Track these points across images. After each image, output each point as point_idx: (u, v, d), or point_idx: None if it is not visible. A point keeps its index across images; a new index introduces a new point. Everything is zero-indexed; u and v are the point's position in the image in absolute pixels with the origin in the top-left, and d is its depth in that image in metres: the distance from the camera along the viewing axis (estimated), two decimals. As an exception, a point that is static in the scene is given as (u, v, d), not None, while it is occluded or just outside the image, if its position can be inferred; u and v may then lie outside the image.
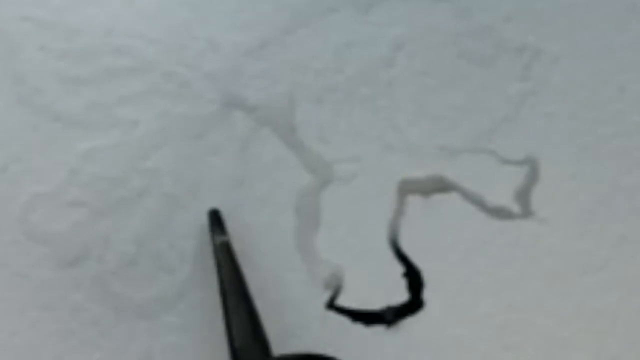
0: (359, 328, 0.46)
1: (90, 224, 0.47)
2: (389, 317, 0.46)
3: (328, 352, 0.40)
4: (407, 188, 0.47)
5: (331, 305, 0.46)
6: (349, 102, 0.48)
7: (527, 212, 0.47)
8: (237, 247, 0.46)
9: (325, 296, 0.47)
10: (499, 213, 0.47)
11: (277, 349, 0.42)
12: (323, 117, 0.48)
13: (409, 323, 0.46)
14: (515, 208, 0.47)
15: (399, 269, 0.47)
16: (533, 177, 0.47)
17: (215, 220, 0.46)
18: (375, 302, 0.47)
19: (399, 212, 0.47)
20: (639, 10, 0.48)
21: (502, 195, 0.47)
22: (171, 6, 0.48)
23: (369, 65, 0.48)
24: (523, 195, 0.47)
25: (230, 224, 0.46)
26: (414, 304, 0.46)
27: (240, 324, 0.41)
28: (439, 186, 0.47)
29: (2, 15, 0.48)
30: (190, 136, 0.47)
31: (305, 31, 0.48)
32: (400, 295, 0.47)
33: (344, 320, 0.46)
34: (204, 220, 0.46)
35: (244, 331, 0.41)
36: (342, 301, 0.47)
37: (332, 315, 0.46)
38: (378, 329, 0.46)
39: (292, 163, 0.48)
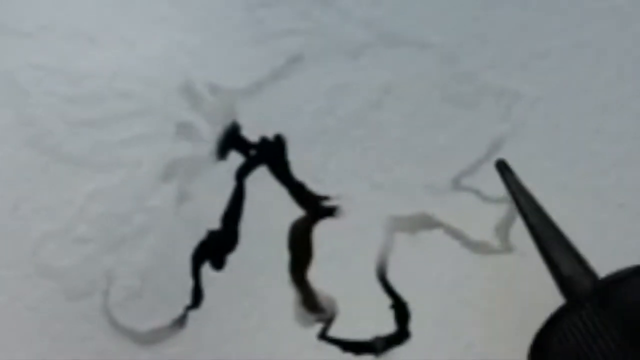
0: (349, 357, 0.49)
1: (96, 259, 0.49)
2: (378, 346, 0.49)
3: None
4: (394, 225, 0.50)
5: (323, 335, 0.49)
6: (340, 142, 0.51)
7: (506, 247, 0.50)
8: (234, 281, 0.49)
9: (318, 327, 0.49)
10: (481, 248, 0.50)
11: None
12: (315, 157, 0.51)
13: (397, 352, 0.49)
14: (496, 243, 0.50)
15: (387, 301, 0.49)
16: (512, 214, 0.50)
17: (504, 167, 0.47)
18: (365, 333, 0.49)
19: (387, 247, 0.50)
20: (610, 56, 0.51)
21: (484, 231, 0.50)
22: (172, 52, 0.51)
23: (359, 108, 0.51)
24: (503, 231, 0.50)
25: (228, 258, 0.49)
26: (401, 335, 0.49)
27: (559, 251, 0.40)
28: (424, 223, 0.50)
29: (12, 63, 0.50)
30: (190, 175, 0.50)
31: (299, 75, 0.51)
32: (388, 326, 0.49)
33: (336, 350, 0.49)
34: (203, 255, 0.49)
35: (567, 257, 0.40)
36: (334, 331, 0.49)
37: (324, 345, 0.49)
38: (368, 358, 0.49)
39: (286, 200, 0.50)
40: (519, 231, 0.49)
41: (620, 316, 0.36)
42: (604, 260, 0.49)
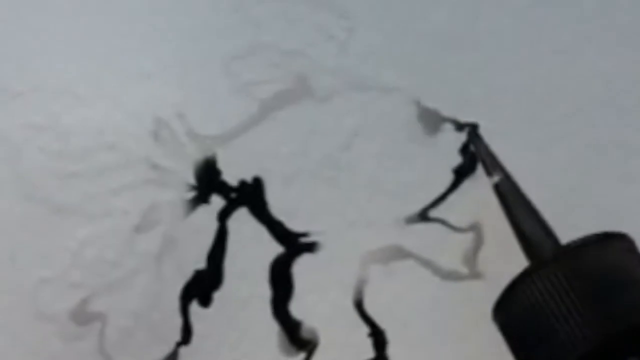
0: (331, 384, 0.52)
1: (91, 302, 0.52)
2: (358, 373, 0.52)
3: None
4: (368, 257, 0.53)
5: (306, 364, 0.52)
6: (314, 182, 0.54)
7: (474, 274, 0.53)
8: (221, 316, 0.52)
9: (301, 356, 0.52)
10: (450, 275, 0.53)
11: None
12: (291, 197, 0.54)
13: (377, 377, 0.52)
14: (464, 270, 0.53)
15: (365, 329, 0.53)
16: (478, 241, 0.53)
17: (474, 134, 0.52)
18: (346, 360, 0.53)
19: (362, 279, 0.53)
20: (563, 91, 0.55)
21: (452, 259, 0.53)
22: (155, 107, 0.54)
23: (331, 150, 0.54)
24: (470, 258, 0.53)
25: (214, 295, 0.53)
26: (379, 360, 0.52)
27: (524, 216, 0.45)
28: (397, 255, 0.53)
29: (4, 124, 0.54)
30: (175, 219, 0.54)
31: (273, 122, 0.55)
32: (367, 352, 0.52)
33: (319, 377, 0.52)
34: (191, 294, 0.53)
35: (532, 222, 0.44)
36: (316, 360, 0.53)
37: (308, 373, 0.52)
38: (349, 384, 0.52)
39: (266, 239, 0.54)
40: (485, 258, 0.53)
41: (578, 279, 0.39)
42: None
